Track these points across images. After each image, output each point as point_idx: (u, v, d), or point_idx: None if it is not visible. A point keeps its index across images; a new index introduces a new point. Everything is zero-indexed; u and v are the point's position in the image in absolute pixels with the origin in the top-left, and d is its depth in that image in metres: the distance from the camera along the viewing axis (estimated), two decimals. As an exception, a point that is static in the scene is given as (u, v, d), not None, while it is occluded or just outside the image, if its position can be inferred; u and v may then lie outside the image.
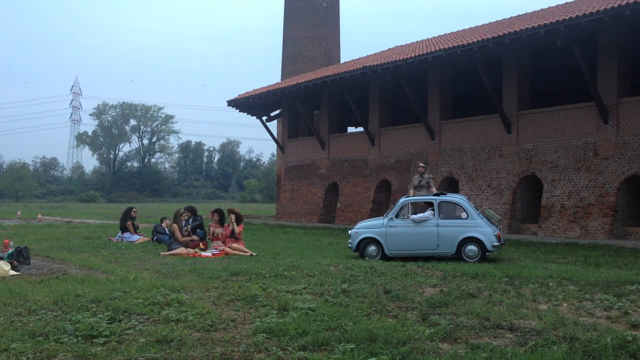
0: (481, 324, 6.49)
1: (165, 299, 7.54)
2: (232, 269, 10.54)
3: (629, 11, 17.46)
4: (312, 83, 29.83)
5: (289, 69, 42.96)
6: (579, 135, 21.48)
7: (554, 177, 21.99)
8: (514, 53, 23.06)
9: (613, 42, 20.54)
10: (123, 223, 18.96)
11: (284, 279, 9.60)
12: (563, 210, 21.46)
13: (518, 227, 23.11)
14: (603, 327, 6.38)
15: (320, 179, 33.72)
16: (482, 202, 23.14)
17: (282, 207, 36.77)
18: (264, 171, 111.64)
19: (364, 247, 14.52)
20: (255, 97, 34.43)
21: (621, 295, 8.12)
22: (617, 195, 20.15)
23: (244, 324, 6.52)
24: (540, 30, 19.74)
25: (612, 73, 20.61)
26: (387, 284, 9.01)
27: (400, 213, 14.56)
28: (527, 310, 7.23)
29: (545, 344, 5.66)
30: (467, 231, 13.92)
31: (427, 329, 6.24)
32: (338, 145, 32.97)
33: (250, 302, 7.62)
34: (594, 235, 20.16)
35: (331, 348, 5.53)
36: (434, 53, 23.50)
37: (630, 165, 19.91)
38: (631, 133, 20.01)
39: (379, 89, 29.74)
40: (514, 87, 23.64)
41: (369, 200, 29.76)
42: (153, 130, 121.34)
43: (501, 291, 8.60)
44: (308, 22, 43.09)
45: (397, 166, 28.71)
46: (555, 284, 9.22)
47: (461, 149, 25.72)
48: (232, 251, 14.56)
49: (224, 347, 5.60)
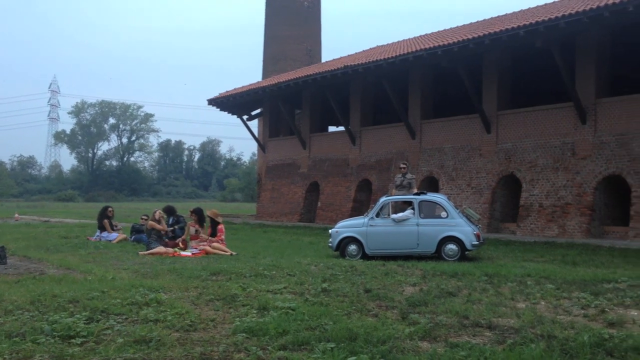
0: (460, 323, 6.52)
1: (143, 299, 7.48)
2: (212, 269, 10.48)
3: (608, 13, 17.66)
4: (293, 82, 29.80)
5: (270, 68, 42.88)
6: (557, 135, 21.69)
7: (532, 176, 22.19)
8: (494, 53, 23.23)
9: (592, 43, 20.76)
10: (100, 222, 18.80)
11: (264, 278, 9.57)
12: (541, 210, 21.66)
13: (497, 226, 23.29)
14: (580, 325, 6.44)
15: (301, 178, 33.70)
16: (461, 201, 23.28)
17: (262, 206, 36.70)
18: (244, 170, 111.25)
19: (345, 247, 14.53)
20: (236, 96, 34.32)
21: (598, 294, 8.21)
22: (595, 195, 20.38)
23: (224, 324, 6.49)
24: (520, 31, 19.91)
25: (591, 74, 20.83)
26: (368, 283, 9.03)
27: (381, 212, 14.60)
28: (505, 309, 7.28)
29: (523, 342, 5.70)
30: (447, 230, 14.01)
31: (407, 327, 6.26)
32: (319, 145, 32.98)
33: (230, 301, 7.59)
34: (571, 234, 20.37)
35: (311, 347, 5.53)
36: (415, 53, 23.60)
37: (607, 165, 20.14)
38: (608, 133, 20.24)
39: (360, 88, 29.79)
40: (494, 88, 23.82)
41: (350, 200, 29.81)
42: (132, 128, 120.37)
43: (480, 290, 8.65)
44: (289, 21, 43.04)
45: (378, 165, 28.79)
46: (534, 282, 9.30)
47: (441, 149, 25.85)
48: (212, 250, 14.49)
49: (203, 347, 5.56)
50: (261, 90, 32.40)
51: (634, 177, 19.33)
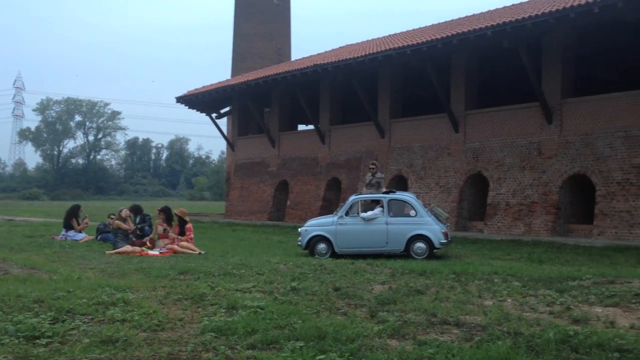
0: (428, 320, 6.56)
1: (110, 299, 7.38)
2: (180, 268, 10.39)
3: (573, 14, 17.95)
4: (262, 80, 29.72)
5: (239, 65, 42.67)
6: (523, 134, 21.98)
7: (499, 175, 22.46)
8: (462, 53, 23.44)
9: (558, 44, 21.08)
10: (68, 220, 18.46)
11: (233, 277, 9.52)
12: (508, 208, 21.94)
13: (465, 225, 23.52)
14: (546, 322, 6.52)
15: (270, 176, 33.61)
16: (430, 200, 23.46)
17: (231, 205, 36.52)
18: (213, 169, 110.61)
19: (314, 245, 14.55)
20: (204, 93, 34.09)
21: (563, 291, 8.33)
22: (560, 194, 20.70)
23: (192, 323, 6.43)
24: (488, 32, 20.12)
25: (557, 74, 21.16)
26: (337, 282, 9.04)
27: (350, 211, 14.63)
28: (472, 306, 7.35)
29: (490, 339, 5.75)
30: (416, 229, 14.11)
31: (376, 325, 6.28)
32: (288, 143, 32.93)
33: (198, 301, 7.53)
34: (537, 233, 20.67)
35: (280, 346, 5.51)
36: (384, 52, 23.71)
37: (572, 164, 20.48)
38: (574, 133, 20.58)
39: (330, 87, 29.82)
40: (462, 87, 24.05)
41: (319, 198, 29.82)
42: (99, 126, 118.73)
43: (448, 288, 8.72)
44: (259, 19, 42.87)
45: (347, 164, 28.85)
46: (500, 280, 9.40)
47: (410, 148, 26.01)
48: (180, 249, 14.38)
49: (171, 347, 5.51)
50: (230, 89, 32.23)
51: (598, 176, 19.69)
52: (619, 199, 19.02)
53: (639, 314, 6.94)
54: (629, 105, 19.33)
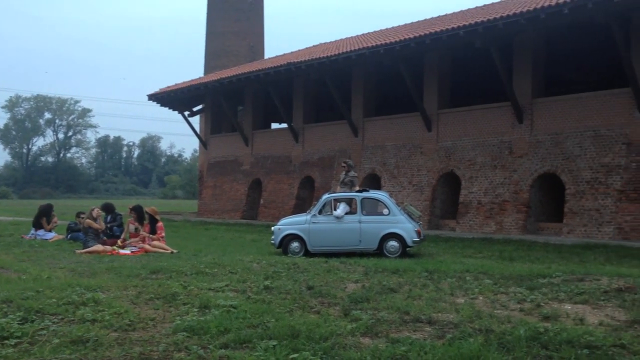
0: (401, 318, 6.59)
1: (80, 299, 7.28)
2: (152, 267, 10.29)
3: (544, 14, 18.18)
4: (235, 78, 29.61)
5: (212, 63, 42.45)
6: (495, 134, 22.21)
7: (471, 174, 22.66)
8: (435, 53, 23.60)
9: (529, 44, 21.34)
10: (38, 219, 18.17)
11: (206, 276, 9.45)
12: (480, 207, 22.15)
13: (437, 223, 23.69)
14: (517, 319, 6.59)
15: (243, 175, 33.50)
16: (403, 198, 23.57)
17: (204, 203, 36.32)
18: (185, 167, 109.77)
19: (287, 244, 14.53)
20: (177, 91, 33.85)
21: (533, 288, 8.42)
22: (531, 192, 20.96)
23: (164, 323, 6.37)
24: (460, 32, 20.29)
25: (527, 74, 21.41)
26: (310, 280, 9.03)
27: (323, 210, 14.65)
28: (445, 304, 7.40)
29: (462, 336, 5.80)
30: (389, 227, 14.17)
31: (349, 324, 6.29)
32: (262, 142, 32.85)
33: (170, 300, 7.47)
34: (508, 231, 20.90)
35: (253, 345, 5.49)
36: (357, 51, 23.77)
37: (542, 163, 20.75)
38: (544, 132, 20.85)
39: (303, 85, 29.81)
40: (435, 86, 24.21)
41: (293, 197, 29.80)
42: (69, 124, 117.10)
43: (421, 286, 8.77)
44: (232, 17, 42.70)
45: (321, 163, 28.87)
46: (472, 278, 9.47)
47: (383, 147, 26.11)
48: (152, 249, 14.25)
49: (142, 347, 5.45)
50: (203, 86, 32.05)
51: (567, 175, 19.98)
52: (588, 198, 19.32)
53: (608, 311, 7.05)
54: (598, 105, 19.65)
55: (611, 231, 18.55)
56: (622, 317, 6.72)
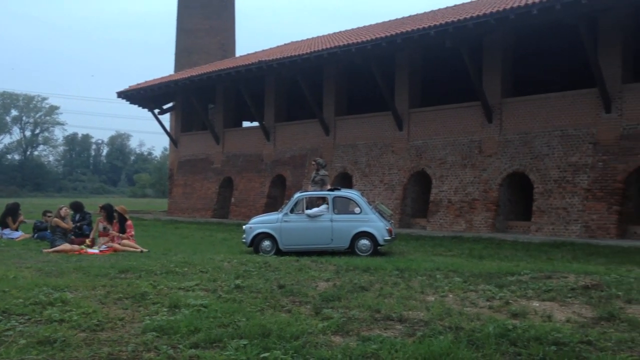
0: (372, 316, 6.60)
1: (47, 298, 7.16)
2: (121, 266, 10.17)
3: (513, 15, 18.40)
4: (206, 76, 29.42)
5: (182, 61, 42.10)
6: (465, 133, 22.42)
7: (442, 173, 22.84)
8: (406, 52, 23.73)
9: (498, 44, 21.58)
10: (4, 218, 17.85)
11: (176, 275, 9.37)
12: (450, 205, 22.34)
13: (408, 222, 23.84)
14: (486, 316, 6.65)
15: (214, 173, 33.31)
16: (374, 197, 23.67)
17: (174, 202, 36.04)
18: (155, 165, 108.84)
19: (259, 243, 14.49)
20: (147, 89, 33.52)
21: (502, 286, 8.51)
22: (500, 191, 21.20)
23: (133, 323, 6.30)
24: (431, 31, 20.43)
25: (497, 74, 21.65)
26: (281, 279, 9.00)
27: (295, 208, 14.63)
28: (415, 302, 7.43)
29: (432, 334, 5.83)
30: (360, 226, 14.21)
31: (320, 322, 6.28)
32: (233, 140, 32.70)
33: (139, 300, 7.38)
34: (478, 229, 21.12)
35: (224, 345, 5.45)
36: (329, 50, 23.80)
37: (511, 162, 21.00)
38: (513, 132, 21.10)
39: (275, 84, 29.75)
40: (406, 86, 24.34)
41: (264, 195, 29.72)
42: (36, 121, 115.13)
43: (392, 284, 8.80)
44: (203, 14, 42.40)
45: (292, 161, 28.84)
46: (442, 275, 9.53)
47: (355, 145, 26.18)
48: (121, 247, 14.09)
49: (111, 347, 5.38)
50: (173, 84, 31.78)
51: (536, 174, 20.25)
52: (555, 196, 19.61)
53: (575, 308, 7.15)
54: (566, 105, 19.95)
55: (578, 229, 18.85)
56: (588, 314, 6.82)
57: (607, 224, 18.32)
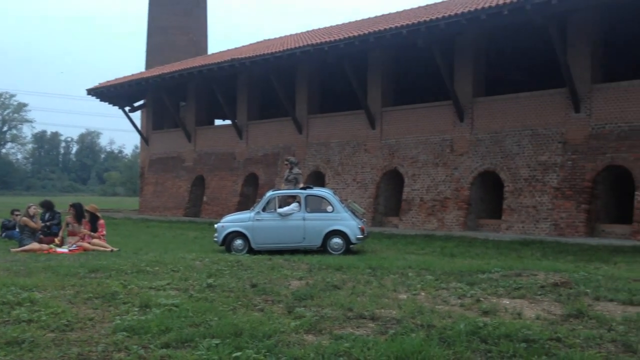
0: (345, 315, 6.61)
1: (16, 299, 7.04)
2: (91, 266, 10.04)
3: (484, 15, 18.57)
4: (178, 74, 29.19)
5: (154, 58, 41.71)
6: (437, 132, 22.57)
7: (414, 171, 22.97)
8: (378, 51, 23.80)
9: (470, 44, 21.76)
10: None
11: (147, 274, 9.28)
12: (422, 204, 22.48)
13: (381, 220, 23.93)
14: (457, 314, 6.70)
15: (186, 172, 33.08)
16: (347, 195, 23.72)
17: (145, 200, 35.71)
18: (126, 163, 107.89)
19: (231, 241, 14.41)
20: (117, 86, 33.15)
21: (473, 284, 8.58)
22: (471, 190, 21.40)
23: (103, 323, 6.23)
24: (403, 30, 20.53)
25: (468, 74, 21.83)
26: (254, 278, 8.97)
27: (267, 207, 14.60)
28: (388, 300, 7.46)
29: (404, 332, 5.85)
30: (333, 224, 14.22)
31: (293, 321, 6.27)
32: (205, 138, 32.50)
33: (109, 299, 7.30)
34: (449, 227, 21.29)
35: (195, 344, 5.41)
36: (302, 48, 23.77)
37: (483, 161, 21.20)
38: (484, 131, 21.30)
39: (248, 82, 29.63)
40: (379, 85, 24.42)
41: (236, 194, 29.60)
42: (4, 118, 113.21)
43: (364, 282, 8.82)
44: (174, 11, 42.07)
45: (265, 160, 28.77)
46: (414, 274, 9.58)
47: (328, 144, 26.20)
48: (91, 247, 13.93)
49: (80, 348, 5.31)
50: (144, 81, 31.47)
51: (506, 172, 20.48)
52: (525, 195, 19.85)
53: (544, 305, 7.24)
54: (536, 105, 20.20)
55: (547, 227, 19.11)
56: (558, 311, 6.91)
57: (576, 222, 18.61)
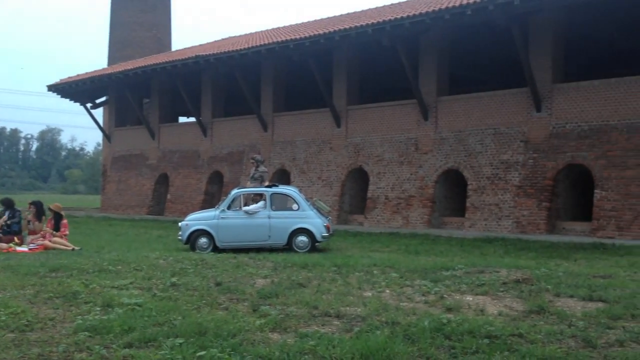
0: (310, 313, 6.61)
1: (-27, 299, 6.88)
2: (52, 265, 9.86)
3: (448, 15, 18.75)
4: (141, 70, 28.85)
5: (117, 54, 41.14)
6: (402, 130, 22.72)
7: (379, 170, 23.09)
8: (344, 49, 23.84)
9: (434, 43, 21.94)
10: None
11: (109, 273, 9.15)
12: (387, 202, 22.61)
13: (346, 218, 24.00)
14: (421, 311, 6.76)
15: (149, 169, 32.71)
16: (312, 193, 23.72)
17: (108, 198, 35.22)
18: (88, 161, 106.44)
19: (195, 240, 14.31)
20: (79, 82, 32.60)
21: (437, 281, 8.66)
22: (435, 188, 21.59)
23: (64, 323, 6.12)
24: (368, 29, 20.62)
25: (432, 73, 22.01)
26: (218, 276, 8.91)
27: (232, 205, 14.52)
28: (353, 298, 7.48)
29: (369, 329, 5.88)
30: (298, 222, 14.23)
31: (258, 319, 6.25)
32: (169, 136, 32.18)
33: (71, 299, 7.18)
34: (414, 225, 21.45)
35: (159, 344, 5.35)
36: (267, 45, 23.70)
37: (446, 159, 21.41)
38: (448, 130, 21.52)
39: (212, 79, 29.41)
40: (344, 83, 24.47)
41: (201, 192, 29.39)
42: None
43: (329, 280, 8.83)
44: (137, 7, 41.53)
45: (230, 157, 28.61)
46: (379, 271, 9.62)
47: (293, 142, 26.17)
48: (52, 245, 13.69)
49: (41, 348, 5.22)
50: (107, 77, 31.02)
51: (470, 171, 20.72)
52: (488, 193, 20.12)
53: (507, 302, 7.34)
54: (498, 104, 20.47)
55: (510, 225, 19.40)
56: (519, 308, 7.01)
57: (537, 219, 18.92)
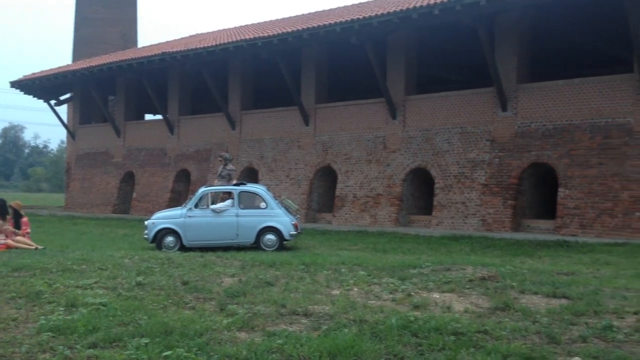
0: (278, 311, 6.59)
1: None
2: (14, 264, 9.66)
3: (416, 14, 18.85)
4: (106, 67, 28.44)
5: (82, 51, 40.47)
6: (370, 129, 22.80)
7: (347, 168, 23.14)
8: (312, 48, 23.83)
9: (402, 43, 22.05)
10: None
11: (73, 273, 9.00)
12: (355, 200, 22.67)
13: (314, 216, 24.00)
14: (389, 309, 6.79)
15: (115, 167, 32.28)
16: (280, 192, 23.65)
17: (72, 197, 34.66)
18: (51, 159, 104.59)
19: (162, 238, 14.18)
20: (43, 78, 32.04)
21: (405, 279, 8.71)
22: (403, 186, 21.72)
23: (27, 323, 6.01)
24: (337, 28, 20.63)
25: (400, 72, 22.13)
26: (185, 275, 8.84)
27: (200, 203, 14.42)
28: (321, 296, 7.49)
29: (337, 327, 5.89)
30: (266, 221, 14.19)
31: (225, 319, 6.21)
32: (135, 133, 31.80)
33: (34, 299, 7.05)
34: (382, 223, 21.55)
35: (124, 344, 5.28)
36: (235, 43, 23.57)
37: (414, 158, 21.55)
38: (415, 128, 21.66)
39: (179, 76, 29.13)
40: (313, 81, 24.46)
41: (168, 190, 29.11)
42: None
43: (297, 278, 8.82)
44: (102, 3, 40.94)
45: (197, 156, 28.39)
46: (347, 270, 9.65)
47: (261, 140, 26.08)
48: (15, 244, 13.40)
49: (3, 349, 5.11)
50: (71, 74, 30.52)
51: (437, 169, 20.89)
52: (455, 191, 20.30)
53: (473, 299, 7.42)
54: (465, 103, 20.67)
55: (476, 223, 19.61)
56: (485, 305, 7.10)
57: (503, 217, 19.16)
